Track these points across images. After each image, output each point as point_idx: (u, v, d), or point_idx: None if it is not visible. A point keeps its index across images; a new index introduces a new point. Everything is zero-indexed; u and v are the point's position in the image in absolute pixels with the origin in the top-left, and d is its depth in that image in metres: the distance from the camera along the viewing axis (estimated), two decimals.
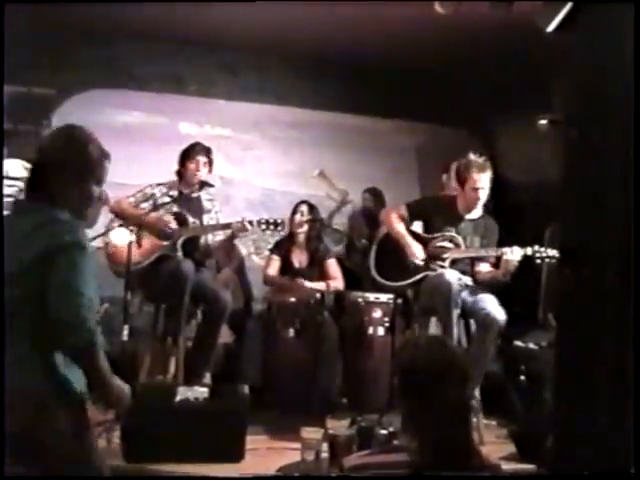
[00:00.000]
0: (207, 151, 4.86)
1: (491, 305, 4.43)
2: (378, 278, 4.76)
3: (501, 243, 4.62)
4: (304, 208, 5.52)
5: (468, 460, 2.03)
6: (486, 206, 4.71)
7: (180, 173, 4.86)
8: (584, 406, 2.58)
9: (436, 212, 4.72)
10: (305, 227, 5.46)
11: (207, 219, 4.84)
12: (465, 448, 2.06)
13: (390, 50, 5.83)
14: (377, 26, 5.41)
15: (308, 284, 5.30)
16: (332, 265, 5.52)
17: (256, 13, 5.34)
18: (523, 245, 4.38)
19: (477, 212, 4.68)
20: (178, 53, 6.26)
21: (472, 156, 4.61)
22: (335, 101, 6.62)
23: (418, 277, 4.59)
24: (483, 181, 4.53)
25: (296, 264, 5.50)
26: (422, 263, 4.57)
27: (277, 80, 6.57)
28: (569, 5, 2.48)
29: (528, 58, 4.86)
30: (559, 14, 2.65)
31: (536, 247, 4.31)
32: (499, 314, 4.39)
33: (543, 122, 5.66)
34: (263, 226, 4.68)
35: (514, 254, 4.32)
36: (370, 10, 5.06)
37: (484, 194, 4.57)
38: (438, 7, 3.80)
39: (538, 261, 4.30)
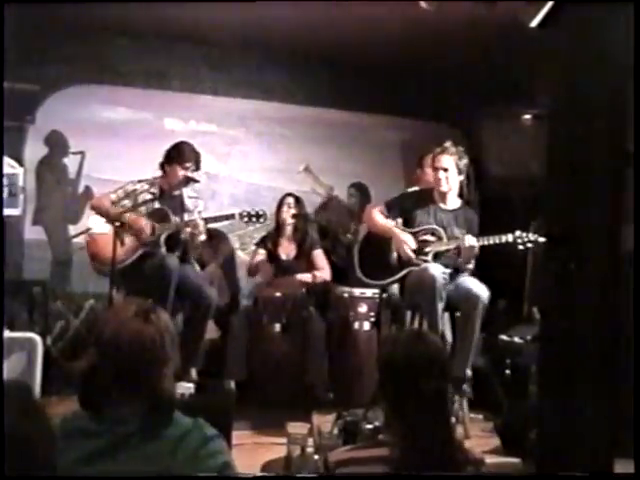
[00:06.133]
0: (197, 155, 4.79)
1: (474, 284, 4.43)
2: (363, 278, 4.75)
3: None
4: (290, 200, 5.52)
5: (451, 454, 2.05)
6: (467, 201, 4.74)
7: (164, 170, 4.80)
8: (568, 400, 2.60)
9: (415, 206, 4.70)
10: (292, 220, 5.46)
11: (188, 217, 4.75)
12: (447, 442, 2.07)
13: (375, 46, 5.83)
14: (362, 23, 5.41)
15: (297, 276, 5.32)
16: (319, 256, 5.53)
17: (242, 9, 5.33)
18: None
19: (455, 202, 4.68)
20: (163, 49, 6.23)
21: (445, 143, 4.64)
22: (320, 97, 6.63)
23: (402, 274, 4.59)
24: (443, 162, 4.55)
25: (283, 256, 5.50)
26: (413, 253, 4.57)
27: (262, 76, 6.56)
28: (551, 3, 2.50)
29: (512, 54, 4.88)
30: (542, 10, 2.67)
31: (517, 232, 4.31)
32: (482, 291, 4.38)
33: (527, 117, 5.68)
34: (245, 218, 4.66)
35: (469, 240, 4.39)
36: (355, 7, 5.06)
37: (447, 176, 4.57)
38: (423, 4, 3.81)
39: (520, 247, 4.30)
